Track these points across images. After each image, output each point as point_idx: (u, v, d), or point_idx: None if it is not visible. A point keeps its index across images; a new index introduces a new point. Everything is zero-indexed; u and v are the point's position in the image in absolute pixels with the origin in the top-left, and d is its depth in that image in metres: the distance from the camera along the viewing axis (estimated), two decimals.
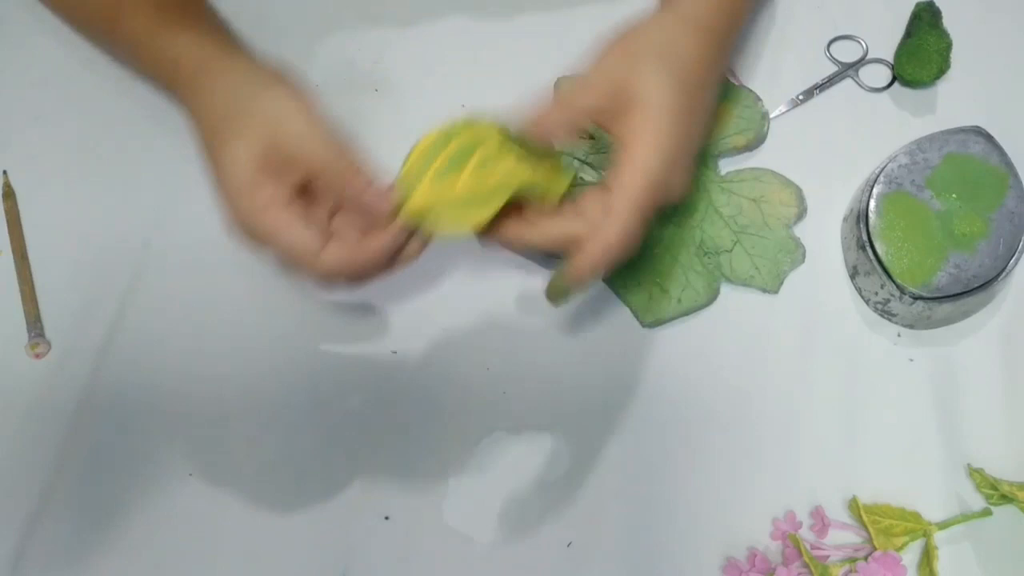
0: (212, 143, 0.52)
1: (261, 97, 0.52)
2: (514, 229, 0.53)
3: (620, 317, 0.62)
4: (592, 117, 0.53)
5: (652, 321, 0.61)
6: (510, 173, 0.52)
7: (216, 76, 0.53)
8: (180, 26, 0.56)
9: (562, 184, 0.54)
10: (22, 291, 0.62)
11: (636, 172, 0.50)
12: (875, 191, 0.61)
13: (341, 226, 0.53)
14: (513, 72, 0.69)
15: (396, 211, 0.51)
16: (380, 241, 0.51)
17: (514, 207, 0.53)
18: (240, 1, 0.72)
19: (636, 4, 0.66)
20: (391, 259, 0.52)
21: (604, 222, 0.50)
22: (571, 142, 0.65)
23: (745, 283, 0.62)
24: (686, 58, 0.54)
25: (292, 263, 0.52)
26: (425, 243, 0.53)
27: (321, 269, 0.51)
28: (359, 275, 0.52)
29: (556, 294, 0.55)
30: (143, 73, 0.60)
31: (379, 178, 0.52)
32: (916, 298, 0.59)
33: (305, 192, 0.52)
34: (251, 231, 0.51)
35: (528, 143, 0.54)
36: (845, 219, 0.64)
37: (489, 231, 0.53)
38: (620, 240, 0.50)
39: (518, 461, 0.58)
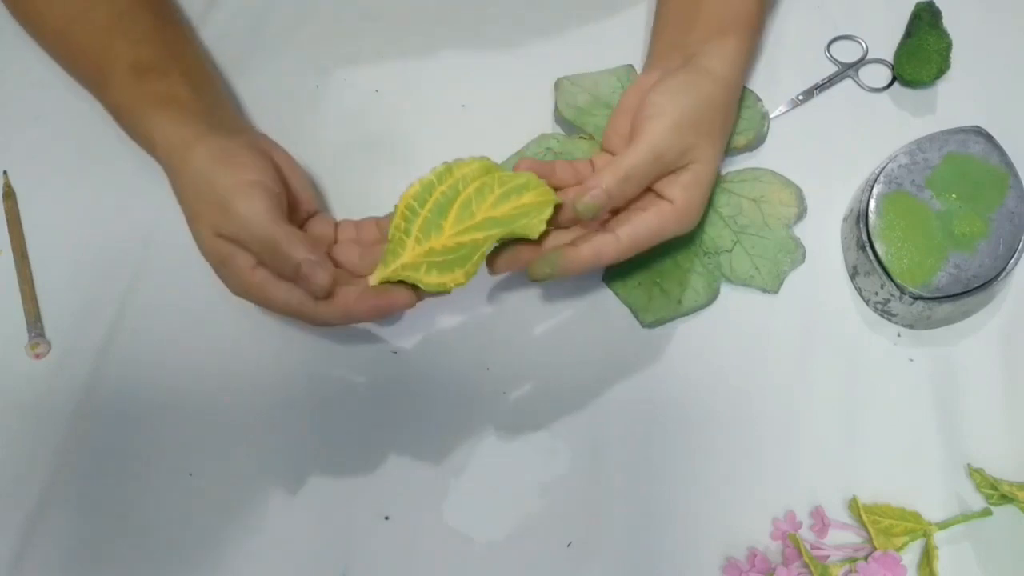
0: (187, 219, 0.56)
1: (214, 180, 0.54)
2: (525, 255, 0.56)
3: (620, 317, 0.62)
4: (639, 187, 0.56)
5: (652, 321, 0.61)
6: (490, 217, 0.53)
7: (182, 159, 0.56)
8: (156, 99, 0.58)
9: (546, 212, 0.54)
10: (22, 291, 0.62)
11: (653, 231, 0.55)
12: (875, 191, 0.61)
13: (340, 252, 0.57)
14: (513, 73, 0.69)
15: (331, 279, 0.52)
16: (371, 299, 0.53)
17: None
18: (240, 3, 0.72)
19: (633, 9, 0.67)
20: (388, 314, 0.55)
21: (606, 245, 0.55)
22: (572, 143, 0.65)
23: (745, 283, 0.62)
24: (730, 117, 0.58)
25: (296, 317, 0.54)
26: (418, 297, 0.54)
27: (320, 319, 0.53)
28: (363, 320, 0.55)
29: (540, 269, 0.55)
30: (125, 132, 0.61)
31: (312, 249, 0.53)
32: (916, 298, 0.59)
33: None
34: (244, 295, 0.55)
35: (508, 178, 0.55)
36: (845, 219, 0.64)
37: (496, 264, 0.55)
38: (610, 260, 0.55)
39: (518, 461, 0.58)
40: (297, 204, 0.58)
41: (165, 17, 0.65)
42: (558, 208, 0.55)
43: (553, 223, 0.55)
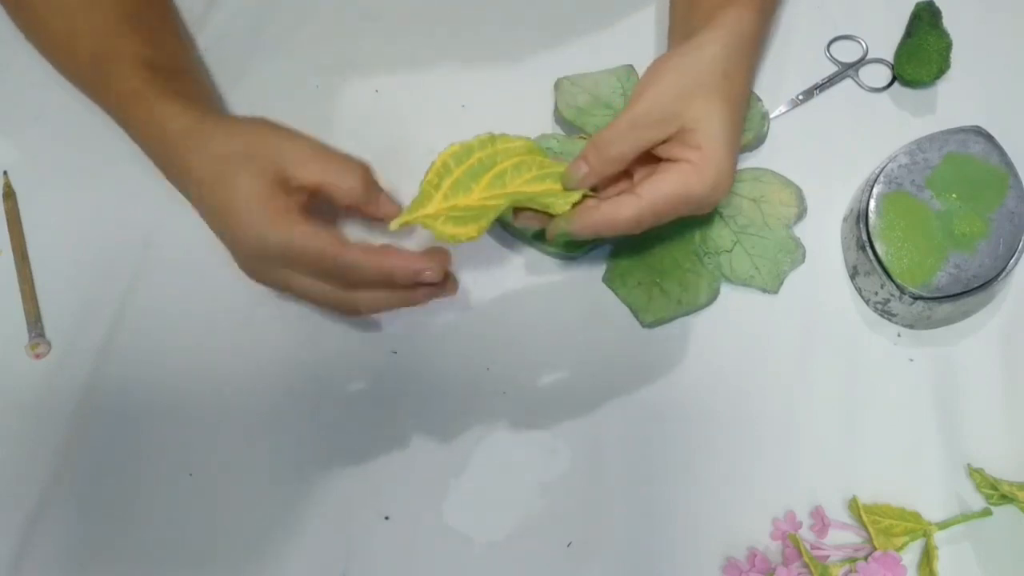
0: (215, 186, 0.54)
1: (257, 135, 0.54)
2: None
3: (620, 317, 0.62)
4: (650, 147, 0.55)
5: (652, 321, 0.61)
6: (521, 191, 0.54)
7: (207, 132, 0.55)
8: (170, 91, 0.58)
9: (574, 196, 0.55)
10: (22, 291, 0.62)
11: (675, 190, 0.54)
12: (875, 191, 0.61)
13: None
14: (513, 73, 0.69)
15: (401, 221, 0.53)
16: (402, 257, 0.52)
17: None
18: (240, 3, 0.72)
19: (633, 9, 0.67)
20: (410, 276, 0.53)
21: (625, 202, 0.54)
22: (572, 143, 0.65)
23: (745, 283, 0.62)
24: (735, 79, 0.56)
25: (317, 258, 0.52)
26: (450, 283, 0.55)
27: (346, 260, 0.51)
28: (381, 281, 0.53)
29: (554, 234, 0.56)
30: (128, 131, 0.60)
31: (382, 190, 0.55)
32: (916, 298, 0.59)
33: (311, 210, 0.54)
34: (266, 248, 0.52)
35: (548, 164, 0.56)
36: (845, 219, 0.64)
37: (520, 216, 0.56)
38: (628, 223, 0.54)
39: (518, 461, 0.58)
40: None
41: (170, 20, 0.66)
42: (586, 197, 0.56)
43: None
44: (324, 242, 0.52)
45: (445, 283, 0.55)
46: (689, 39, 0.57)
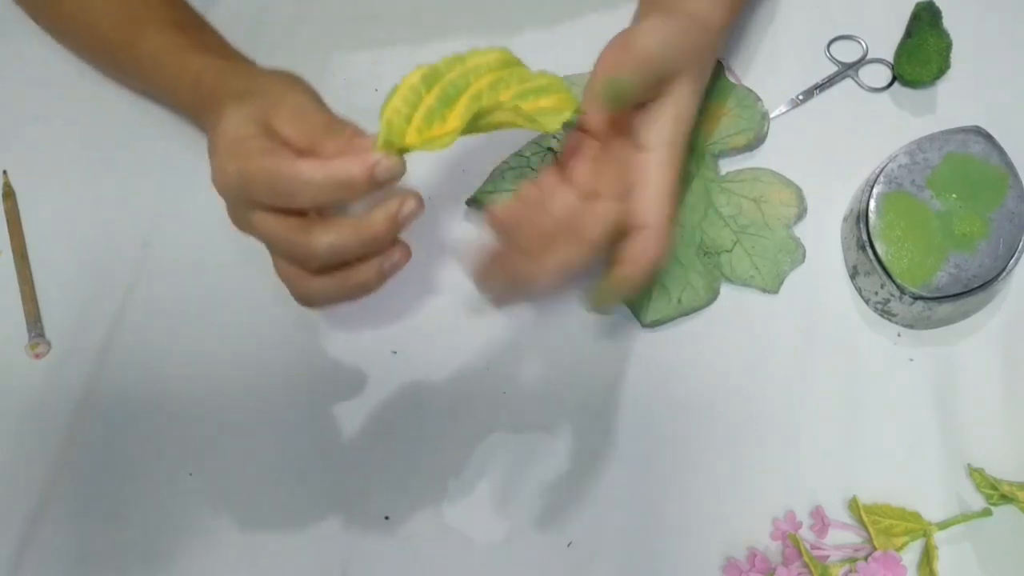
0: (215, 124, 0.51)
1: (269, 82, 0.53)
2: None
3: (620, 317, 0.62)
4: (642, 80, 0.53)
5: (652, 321, 0.61)
6: (503, 110, 0.47)
7: (235, 74, 0.56)
8: (200, 47, 0.59)
9: (565, 114, 0.49)
10: (22, 291, 0.62)
11: (664, 192, 0.52)
12: (875, 191, 0.61)
13: None
14: None
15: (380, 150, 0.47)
16: (369, 159, 0.47)
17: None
18: (240, 3, 0.72)
19: (632, 7, 0.67)
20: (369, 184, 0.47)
21: (646, 235, 0.52)
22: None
23: (745, 283, 0.62)
24: (701, 55, 0.56)
25: (271, 191, 0.47)
26: (404, 257, 0.51)
27: (301, 178, 0.46)
28: (340, 199, 0.48)
29: (603, 300, 0.54)
30: (159, 89, 0.62)
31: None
32: (916, 298, 0.59)
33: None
34: (228, 179, 0.48)
35: (528, 76, 0.50)
36: (845, 219, 0.64)
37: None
38: (661, 248, 0.52)
39: (518, 461, 0.58)
40: None
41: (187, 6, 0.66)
42: (578, 114, 0.51)
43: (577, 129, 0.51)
44: (276, 160, 0.47)
45: (395, 250, 0.50)
46: (669, 6, 0.57)
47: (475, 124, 0.47)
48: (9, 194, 0.66)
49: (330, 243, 0.48)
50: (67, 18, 0.64)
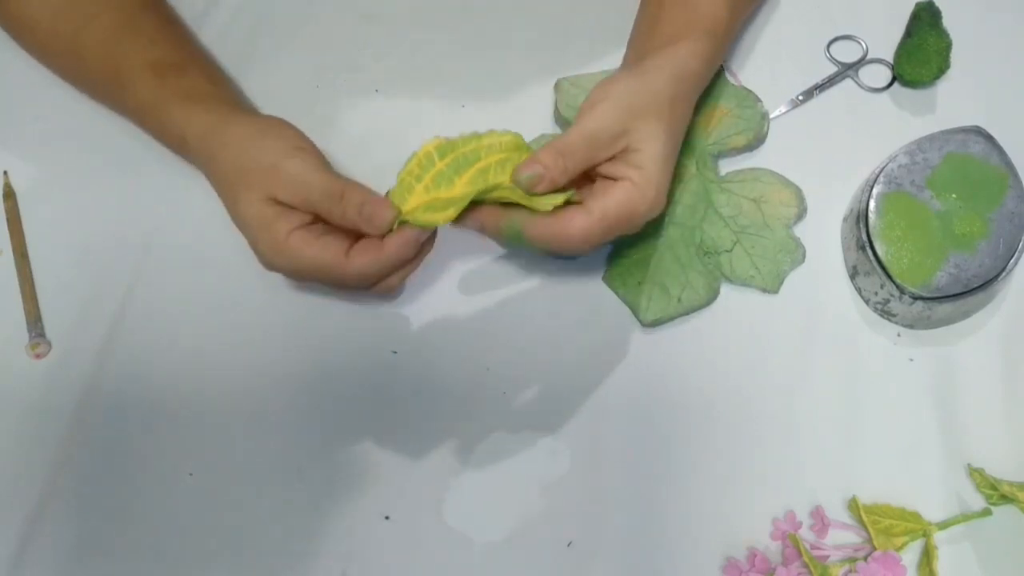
0: (227, 200, 0.57)
1: (259, 149, 0.56)
2: (489, 215, 0.55)
3: (620, 317, 0.62)
4: (598, 164, 0.56)
5: (652, 321, 0.61)
6: (503, 189, 0.53)
7: (219, 141, 0.57)
8: (181, 94, 0.60)
9: (557, 198, 0.53)
10: (22, 291, 0.62)
11: (622, 206, 0.54)
12: (875, 191, 0.61)
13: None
14: (513, 73, 0.69)
15: (395, 215, 0.53)
16: (400, 237, 0.54)
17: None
18: (240, 3, 0.72)
19: (632, 8, 0.67)
20: (414, 252, 0.55)
21: (575, 215, 0.54)
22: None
23: (745, 283, 0.62)
24: (678, 108, 0.58)
25: (325, 276, 0.55)
26: (432, 235, 0.56)
27: (352, 273, 0.54)
28: (387, 272, 0.55)
29: (509, 238, 0.55)
30: (152, 136, 0.63)
31: (370, 192, 0.55)
32: (916, 298, 0.59)
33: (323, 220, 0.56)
34: (281, 263, 0.55)
35: None
36: (845, 219, 0.64)
37: (464, 217, 0.54)
38: (579, 238, 0.54)
39: (518, 461, 0.58)
40: None
41: (171, 18, 0.66)
42: (573, 201, 0.54)
43: None
44: (329, 259, 0.54)
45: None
46: (641, 63, 0.58)
47: (484, 193, 0.52)
48: (9, 194, 0.66)
49: (363, 271, 0.54)
50: (60, 71, 0.66)
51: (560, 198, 0.54)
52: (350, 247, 0.55)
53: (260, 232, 0.55)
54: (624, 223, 0.55)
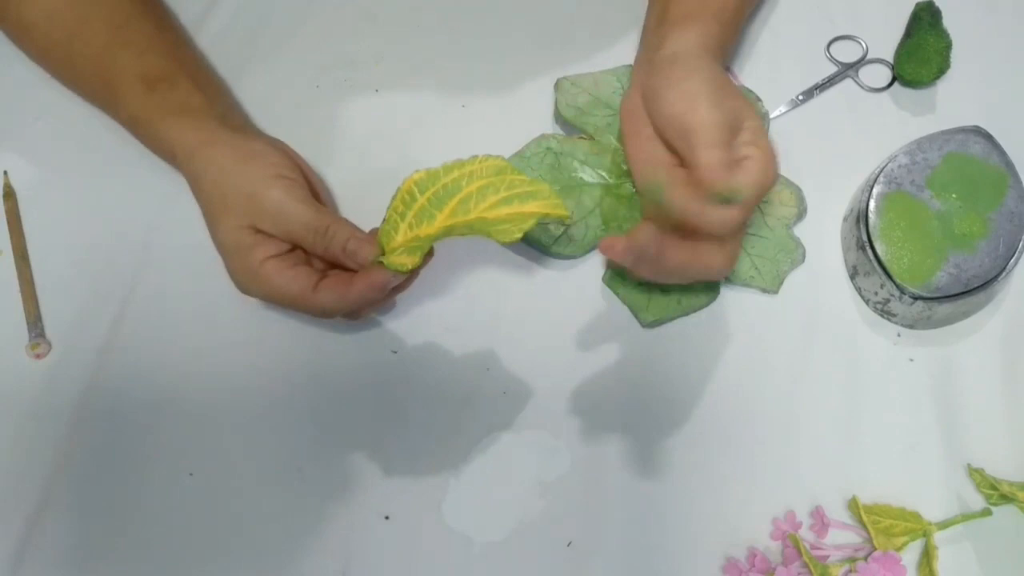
0: (208, 221, 0.57)
1: (241, 175, 0.56)
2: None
3: (620, 317, 0.62)
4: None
5: (652, 321, 0.61)
6: (483, 217, 0.53)
7: (203, 162, 0.57)
8: (170, 109, 0.59)
9: (528, 223, 0.52)
10: (22, 291, 0.62)
11: (760, 183, 0.52)
12: (875, 191, 0.61)
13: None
14: (513, 73, 0.69)
15: (378, 254, 0.54)
16: (367, 280, 0.55)
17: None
18: (240, 3, 0.72)
19: (632, 9, 0.67)
20: (380, 295, 0.56)
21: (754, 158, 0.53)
22: (572, 143, 0.65)
23: (745, 283, 0.62)
24: (721, 77, 0.56)
25: (292, 306, 0.56)
26: (412, 277, 0.57)
27: (316, 306, 0.55)
28: (354, 309, 0.56)
29: (727, 197, 0.52)
30: (146, 147, 0.62)
31: (355, 229, 0.56)
32: (916, 298, 0.59)
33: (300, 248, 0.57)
34: (253, 289, 0.57)
35: (519, 183, 0.53)
36: (845, 219, 0.64)
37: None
38: (733, 221, 0.52)
39: (518, 461, 0.58)
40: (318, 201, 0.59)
41: (165, 24, 0.65)
42: (567, 222, 0.54)
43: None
44: (296, 292, 0.55)
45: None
46: (655, 57, 0.57)
47: (448, 232, 0.53)
48: (9, 194, 0.66)
49: (327, 306, 0.55)
50: (54, 68, 0.65)
51: (530, 222, 0.53)
52: (320, 279, 0.55)
53: (235, 258, 0.56)
54: (761, 197, 0.53)
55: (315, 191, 0.59)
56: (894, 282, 0.59)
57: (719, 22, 0.59)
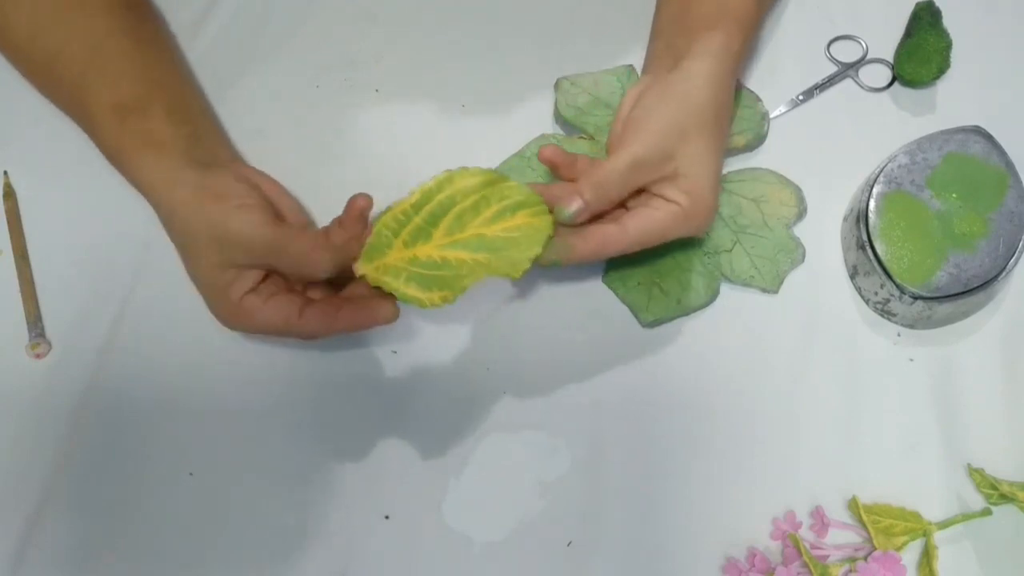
0: (183, 260, 0.57)
1: (205, 213, 0.54)
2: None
3: (620, 317, 0.62)
4: (643, 186, 0.56)
5: (652, 321, 0.61)
6: (480, 234, 0.52)
7: (172, 201, 0.56)
8: (140, 141, 0.58)
9: (534, 249, 0.52)
10: (22, 291, 0.62)
11: (666, 229, 0.55)
12: (875, 191, 0.61)
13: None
14: (513, 73, 0.69)
15: (345, 263, 0.53)
16: (353, 313, 0.54)
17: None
18: (240, 3, 0.72)
19: (632, 9, 0.67)
20: (369, 326, 0.55)
21: (611, 232, 0.54)
22: (572, 143, 0.65)
23: (745, 283, 0.62)
24: (723, 117, 0.57)
25: (279, 335, 0.56)
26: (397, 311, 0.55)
27: (305, 333, 0.55)
28: (341, 333, 0.56)
29: (546, 263, 0.54)
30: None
31: (316, 237, 0.54)
32: (916, 298, 0.59)
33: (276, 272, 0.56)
34: (237, 325, 0.56)
35: (508, 192, 0.53)
36: (845, 219, 0.64)
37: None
38: (616, 252, 0.54)
39: (518, 461, 0.58)
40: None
41: (145, 40, 0.63)
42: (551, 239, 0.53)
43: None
44: (280, 323, 0.55)
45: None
46: (677, 66, 0.57)
47: (456, 268, 0.52)
48: (9, 194, 0.66)
49: (316, 333, 0.55)
50: (40, 85, 0.64)
51: (533, 254, 0.53)
52: (303, 303, 0.55)
53: (213, 298, 0.56)
54: (661, 239, 0.55)
55: (279, 210, 0.57)
56: (894, 282, 0.59)
57: (741, 28, 0.59)
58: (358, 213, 0.53)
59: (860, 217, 0.61)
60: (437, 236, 0.53)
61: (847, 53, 0.70)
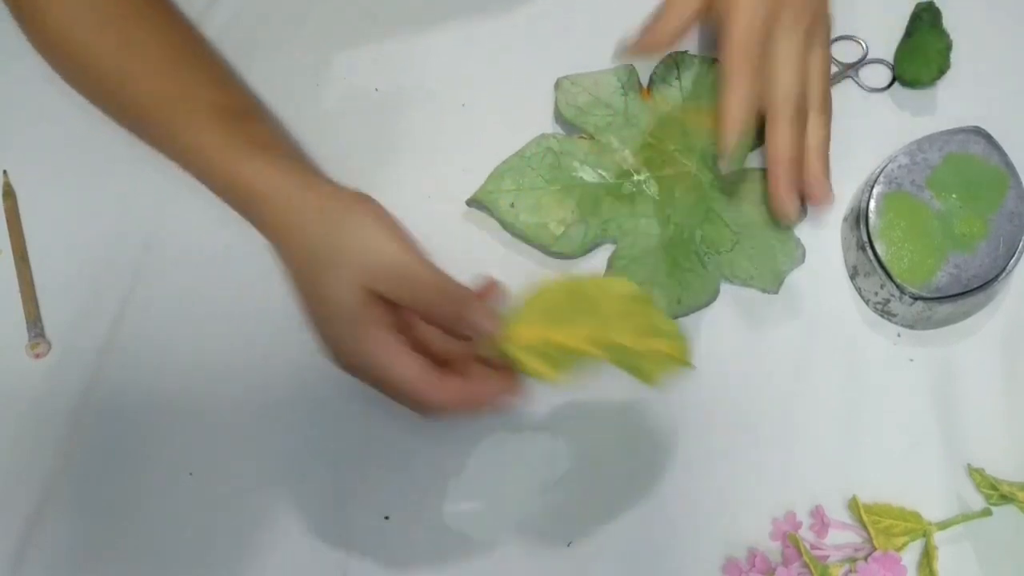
0: (306, 277, 0.51)
1: (348, 226, 0.50)
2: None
3: None
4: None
5: None
6: (619, 344, 0.51)
7: (298, 210, 0.51)
8: (247, 144, 0.53)
9: (681, 365, 0.53)
10: (22, 291, 0.62)
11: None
12: (875, 191, 0.61)
13: (428, 337, 0.52)
14: (513, 73, 0.69)
15: (500, 340, 0.50)
16: (499, 383, 0.51)
17: None
18: (241, 2, 0.72)
19: (632, 9, 0.67)
20: (507, 401, 0.52)
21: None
22: (572, 143, 0.65)
23: (745, 283, 0.62)
24: None
25: (396, 392, 0.50)
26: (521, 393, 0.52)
27: (435, 399, 0.49)
28: (469, 411, 0.52)
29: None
30: (208, 187, 0.55)
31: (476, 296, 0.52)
32: (916, 298, 0.59)
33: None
34: (362, 364, 0.50)
35: (654, 315, 0.53)
36: (845, 219, 0.64)
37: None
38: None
39: (518, 461, 0.58)
40: None
41: (218, 57, 0.61)
42: (688, 368, 0.53)
43: None
44: (413, 378, 0.49)
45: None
46: None
47: (590, 354, 0.51)
48: (9, 194, 0.66)
49: (441, 402, 0.50)
50: (106, 91, 0.59)
51: (669, 375, 0.53)
52: (432, 367, 0.49)
53: (347, 327, 0.49)
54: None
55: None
56: (894, 282, 0.59)
57: None
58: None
59: (860, 217, 0.61)
60: (580, 330, 0.51)
61: (847, 53, 0.70)
